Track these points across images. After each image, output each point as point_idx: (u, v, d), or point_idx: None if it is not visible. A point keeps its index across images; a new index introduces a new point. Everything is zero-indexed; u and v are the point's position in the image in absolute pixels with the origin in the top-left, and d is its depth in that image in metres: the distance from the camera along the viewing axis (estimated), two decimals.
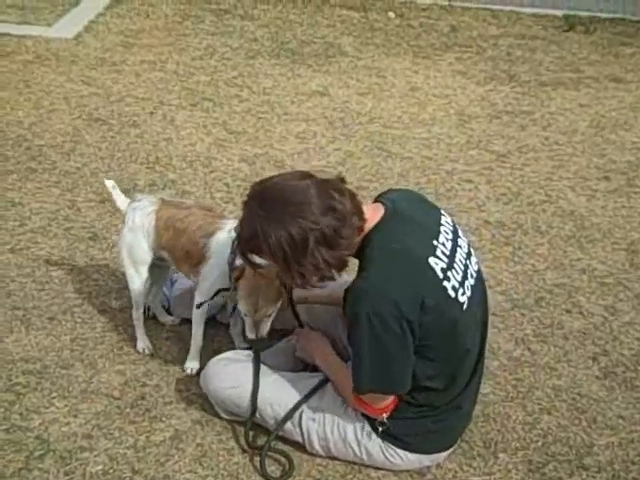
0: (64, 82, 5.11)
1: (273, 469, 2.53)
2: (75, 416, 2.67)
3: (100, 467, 2.49)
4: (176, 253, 2.85)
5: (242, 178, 4.14)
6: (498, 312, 3.26)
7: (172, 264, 2.95)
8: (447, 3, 6.96)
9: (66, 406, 2.71)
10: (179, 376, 2.86)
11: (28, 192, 3.91)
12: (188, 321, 2.96)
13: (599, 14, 6.81)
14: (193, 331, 2.86)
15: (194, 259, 2.77)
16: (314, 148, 4.52)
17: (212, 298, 2.74)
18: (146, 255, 2.90)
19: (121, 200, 2.98)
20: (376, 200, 2.43)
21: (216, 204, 3.89)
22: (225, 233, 2.72)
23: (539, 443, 2.67)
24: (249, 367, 2.62)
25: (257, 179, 3.98)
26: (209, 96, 5.06)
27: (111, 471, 2.48)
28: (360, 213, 2.29)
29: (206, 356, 2.91)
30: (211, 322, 3.05)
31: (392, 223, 2.32)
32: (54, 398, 2.74)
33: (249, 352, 2.70)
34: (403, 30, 6.42)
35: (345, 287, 2.37)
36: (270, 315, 2.63)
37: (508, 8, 6.91)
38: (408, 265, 2.29)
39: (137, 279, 2.91)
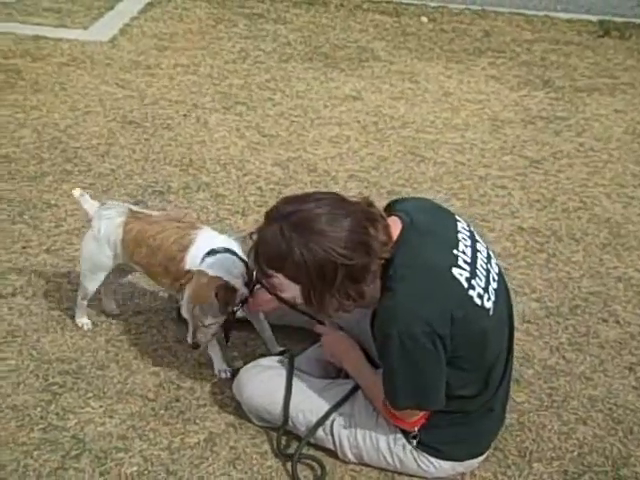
0: (99, 85, 5.15)
1: (306, 474, 2.53)
2: (110, 417, 2.68)
3: (135, 468, 2.50)
4: (153, 269, 2.86)
5: (275, 182, 4.14)
6: (532, 320, 3.24)
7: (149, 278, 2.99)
8: (480, 8, 6.94)
9: (101, 406, 2.72)
10: (213, 379, 2.87)
11: (64, 194, 3.93)
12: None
13: (634, 20, 6.75)
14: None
15: (173, 274, 2.77)
16: (347, 152, 4.51)
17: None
18: (108, 264, 2.93)
19: (89, 205, 2.97)
20: (390, 212, 2.37)
21: (249, 208, 3.90)
22: (197, 245, 2.73)
23: (575, 453, 2.64)
24: (282, 374, 2.62)
25: (291, 183, 4.08)
26: (242, 99, 5.07)
27: (146, 472, 2.49)
28: (389, 242, 2.26)
29: (238, 359, 2.93)
30: (245, 325, 3.07)
31: (412, 238, 2.30)
32: (90, 398, 2.76)
33: (282, 358, 2.71)
34: (436, 35, 6.41)
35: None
36: (207, 326, 2.64)
37: (542, 13, 6.87)
38: (434, 280, 2.27)
39: (92, 282, 2.98)
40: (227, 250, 2.71)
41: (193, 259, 2.72)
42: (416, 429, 2.43)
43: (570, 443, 2.68)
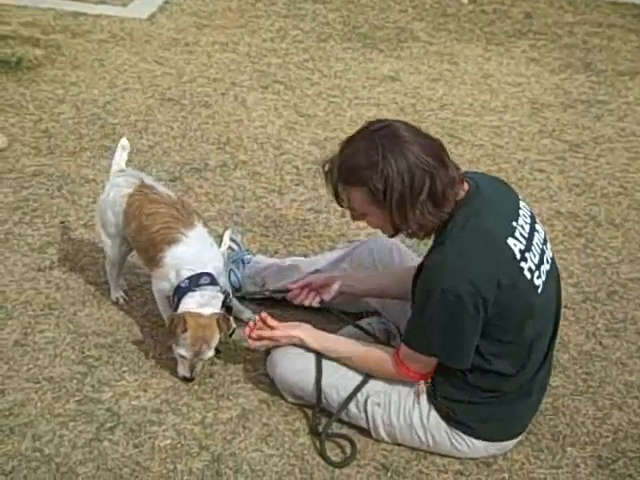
0: (138, 62, 5.17)
1: (337, 452, 2.54)
2: (145, 390, 2.71)
3: (168, 441, 2.53)
4: (137, 245, 2.91)
5: (312, 161, 4.13)
6: (569, 304, 3.21)
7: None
8: None
9: (136, 380, 2.75)
10: (246, 356, 2.88)
11: (102, 169, 3.95)
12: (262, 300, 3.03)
13: None
14: (165, 318, 2.88)
15: (150, 258, 2.83)
16: None
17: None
18: (115, 230, 2.97)
19: (117, 162, 3.04)
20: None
21: (286, 186, 3.90)
22: (182, 247, 2.74)
23: (609, 439, 2.62)
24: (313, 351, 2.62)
25: None
26: (280, 79, 5.06)
27: (179, 446, 2.51)
28: (461, 184, 2.33)
29: None
30: (279, 303, 3.08)
31: (475, 201, 2.33)
32: (125, 372, 2.78)
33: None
34: (476, 16, 6.32)
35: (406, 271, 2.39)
36: (207, 359, 2.71)
37: None
38: (487, 244, 2.29)
39: (111, 247, 3.02)
40: (208, 275, 2.73)
41: (172, 261, 2.75)
42: (424, 383, 2.47)
43: (604, 428, 2.66)
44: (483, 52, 5.64)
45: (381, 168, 2.24)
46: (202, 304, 2.68)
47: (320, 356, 2.60)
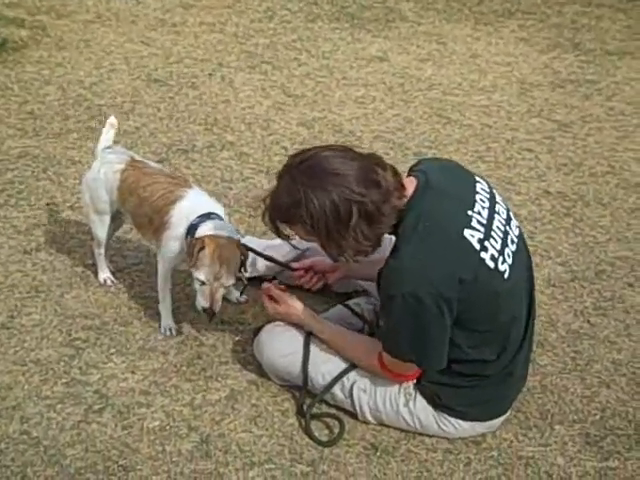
0: (124, 42, 5.13)
1: (326, 432, 2.54)
2: (133, 372, 2.70)
3: (157, 423, 2.52)
4: (139, 220, 2.89)
5: (300, 142, 4.11)
6: (557, 283, 3.21)
7: (133, 227, 3.03)
8: None
9: (124, 362, 2.74)
10: (235, 337, 2.88)
11: (88, 151, 3.92)
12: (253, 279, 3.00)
13: None
14: (160, 296, 2.87)
15: (156, 226, 2.80)
16: (373, 113, 4.47)
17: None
18: (107, 207, 2.96)
19: (104, 140, 3.02)
20: (408, 173, 2.38)
21: (274, 167, 3.87)
22: (186, 202, 2.74)
23: (597, 416, 2.63)
24: (301, 336, 2.62)
25: (316, 143, 4.05)
26: (268, 59, 5.03)
27: (168, 427, 2.51)
28: (401, 190, 2.26)
29: (261, 318, 2.93)
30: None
31: (424, 198, 2.28)
32: (112, 354, 2.77)
33: None
34: None
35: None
36: (228, 287, 2.65)
37: None
38: (442, 242, 2.25)
39: (100, 226, 3.01)
40: (217, 216, 2.72)
41: (180, 215, 2.72)
42: (410, 383, 2.47)
43: (592, 406, 2.66)
44: (472, 32, 5.62)
45: (304, 205, 2.20)
46: (218, 229, 2.66)
47: (308, 340, 2.60)
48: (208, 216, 2.69)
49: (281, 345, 2.63)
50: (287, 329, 2.66)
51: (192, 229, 2.68)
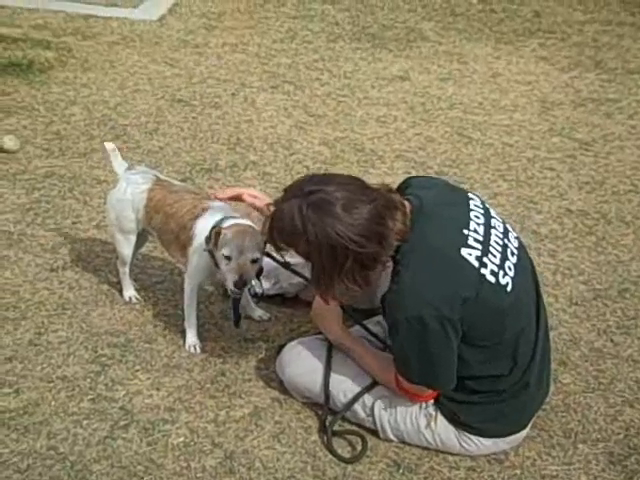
0: (148, 63, 5.20)
1: (349, 449, 2.55)
2: (158, 389, 2.73)
3: (181, 439, 2.54)
4: (165, 237, 2.93)
5: (322, 161, 4.15)
6: (580, 302, 3.21)
7: (160, 245, 3.07)
8: None
9: (149, 379, 2.77)
10: (258, 354, 2.89)
11: (112, 171, 3.97)
12: (271, 297, 3.04)
13: None
14: (186, 313, 2.90)
15: (182, 242, 2.83)
16: (394, 133, 4.50)
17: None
18: (134, 226, 3.00)
19: (118, 163, 3.08)
20: (401, 194, 2.37)
21: None
22: (210, 214, 2.77)
23: (621, 435, 2.62)
24: (323, 354, 2.64)
25: (337, 162, 4.09)
26: (290, 79, 5.08)
27: (192, 443, 2.53)
28: (406, 231, 2.26)
29: (284, 335, 2.96)
30: (290, 301, 3.10)
31: (419, 222, 2.29)
32: (138, 371, 2.80)
33: (324, 336, 2.70)
34: (485, 15, 6.33)
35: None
36: (254, 262, 2.64)
37: None
38: (441, 263, 2.26)
39: (126, 245, 3.05)
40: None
41: (203, 227, 2.75)
42: (429, 403, 2.48)
43: (616, 425, 2.66)
44: (492, 51, 5.65)
45: (304, 238, 2.22)
46: (239, 222, 2.69)
47: (329, 358, 2.62)
48: (230, 219, 2.73)
49: (302, 363, 2.65)
50: (308, 347, 2.68)
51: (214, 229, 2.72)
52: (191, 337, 2.90)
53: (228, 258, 2.62)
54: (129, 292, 3.14)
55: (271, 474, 2.44)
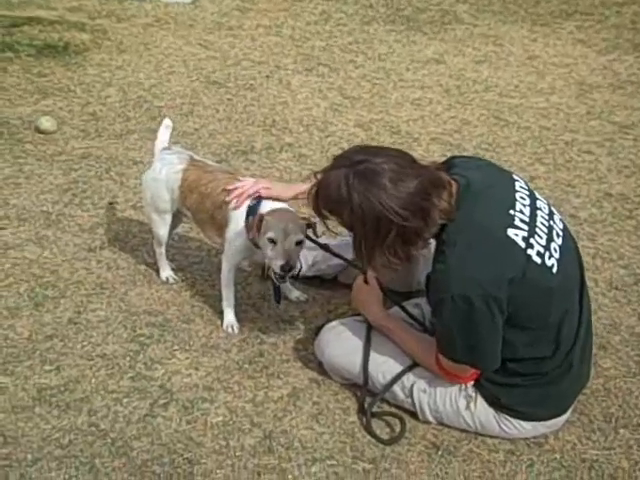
0: (182, 45, 5.20)
1: (388, 431, 2.54)
2: (196, 369, 2.74)
3: (220, 418, 2.55)
4: (201, 216, 2.92)
5: (358, 143, 4.13)
6: (620, 286, 3.17)
7: (195, 226, 3.06)
8: None
9: (187, 358, 2.78)
10: (296, 335, 2.89)
11: (148, 151, 3.97)
12: (309, 279, 3.04)
13: None
14: (224, 294, 2.90)
15: (218, 223, 2.83)
16: (430, 115, 4.47)
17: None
18: (168, 206, 3.00)
19: (161, 141, 3.07)
20: (447, 173, 2.34)
21: None
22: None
23: None
24: (362, 335, 2.63)
25: (372, 144, 4.06)
26: (324, 61, 5.06)
27: (231, 422, 2.54)
28: (451, 210, 2.24)
29: (322, 317, 2.95)
30: (328, 283, 3.09)
31: (466, 201, 2.28)
32: (176, 350, 2.81)
33: (363, 318, 2.70)
34: None
35: None
36: (299, 244, 2.64)
37: None
38: (488, 243, 2.24)
39: (161, 225, 3.05)
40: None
41: (240, 215, 2.74)
42: (469, 385, 2.46)
43: None
44: (529, 33, 5.59)
45: (349, 207, 2.21)
46: (277, 206, 2.70)
47: (368, 339, 2.61)
48: (265, 202, 2.74)
49: (342, 344, 2.64)
50: (347, 328, 2.68)
51: (251, 210, 2.72)
52: (229, 318, 2.90)
53: (273, 242, 2.62)
54: (166, 272, 3.15)
55: (309, 454, 2.45)
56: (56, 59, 4.89)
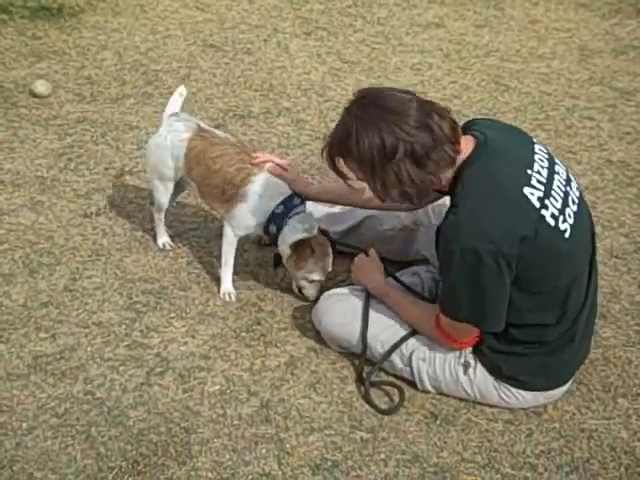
0: (179, 8, 5.11)
1: (386, 400, 2.53)
2: (193, 337, 2.72)
3: (217, 387, 2.54)
4: (207, 189, 2.87)
5: None
6: (620, 254, 3.15)
7: (198, 194, 3.02)
8: None
9: (184, 326, 2.76)
10: (294, 303, 2.87)
11: (145, 116, 3.95)
12: None
13: None
14: (223, 259, 2.87)
15: (228, 196, 2.79)
16: (429, 80, 4.41)
17: None
18: (172, 174, 2.96)
19: (172, 107, 3.02)
20: (465, 131, 2.33)
21: None
22: (263, 176, 2.75)
23: None
24: (359, 304, 2.61)
25: None
26: (323, 25, 4.98)
27: (228, 391, 2.52)
28: (455, 143, 2.23)
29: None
30: None
31: (484, 156, 2.26)
32: (172, 318, 2.79)
33: (361, 287, 2.68)
34: None
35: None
36: (316, 281, 2.77)
37: None
38: (502, 199, 2.22)
39: (163, 192, 3.01)
40: (293, 197, 2.78)
41: (259, 190, 2.75)
42: (467, 350, 2.45)
43: None
44: None
45: (354, 137, 2.21)
46: (307, 229, 2.73)
47: (367, 308, 2.59)
48: (291, 200, 2.75)
49: (339, 313, 2.62)
50: (345, 297, 2.66)
51: (277, 218, 2.73)
52: (226, 285, 2.88)
53: (315, 281, 2.77)
54: (163, 239, 3.11)
55: (307, 423, 2.43)
56: (50, 21, 4.81)
